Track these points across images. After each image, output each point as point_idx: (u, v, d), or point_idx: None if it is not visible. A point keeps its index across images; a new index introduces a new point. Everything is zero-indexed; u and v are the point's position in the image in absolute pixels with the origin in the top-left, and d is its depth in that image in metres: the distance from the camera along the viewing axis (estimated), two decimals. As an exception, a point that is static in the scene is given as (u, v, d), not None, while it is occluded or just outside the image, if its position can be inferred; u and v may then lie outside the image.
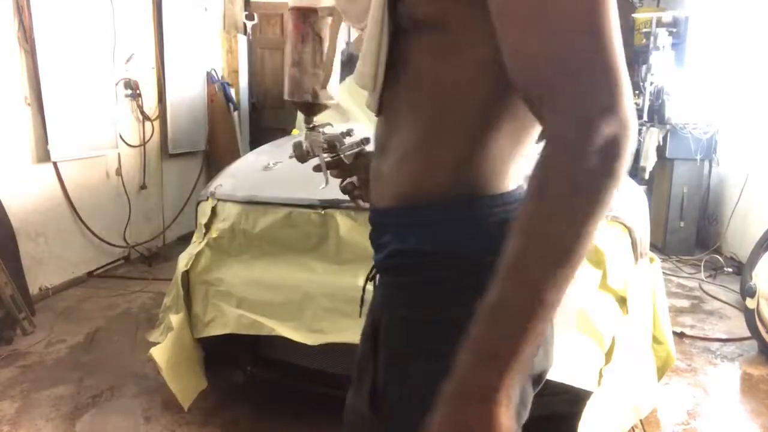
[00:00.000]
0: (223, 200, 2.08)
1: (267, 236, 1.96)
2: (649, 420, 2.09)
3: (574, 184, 0.49)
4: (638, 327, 1.82)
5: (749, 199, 3.84)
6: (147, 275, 3.66)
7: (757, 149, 3.80)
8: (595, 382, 1.66)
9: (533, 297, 0.51)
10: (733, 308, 3.23)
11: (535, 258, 0.51)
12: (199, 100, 4.76)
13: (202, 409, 2.10)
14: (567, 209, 0.50)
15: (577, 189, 0.49)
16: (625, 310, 1.76)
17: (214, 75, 4.93)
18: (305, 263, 1.91)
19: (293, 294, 1.85)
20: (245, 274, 1.94)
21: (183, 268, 1.98)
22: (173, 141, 4.38)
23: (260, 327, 1.84)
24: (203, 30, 4.82)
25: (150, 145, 4.13)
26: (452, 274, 0.64)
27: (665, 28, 4.61)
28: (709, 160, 4.25)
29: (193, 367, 1.98)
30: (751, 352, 2.70)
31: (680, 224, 4.24)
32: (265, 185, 2.10)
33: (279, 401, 2.19)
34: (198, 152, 4.86)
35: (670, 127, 4.15)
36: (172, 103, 4.31)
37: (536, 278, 0.51)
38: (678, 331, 2.79)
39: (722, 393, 2.38)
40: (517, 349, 0.51)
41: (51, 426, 2.03)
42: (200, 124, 4.80)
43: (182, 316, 1.95)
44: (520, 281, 0.51)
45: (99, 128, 3.55)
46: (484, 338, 0.52)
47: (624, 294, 1.77)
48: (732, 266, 3.83)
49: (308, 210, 1.91)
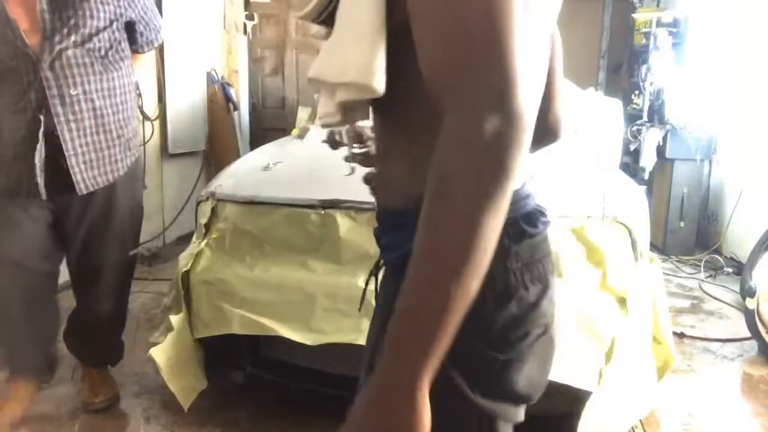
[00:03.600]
0: (223, 200, 2.08)
1: (267, 236, 1.96)
2: (649, 420, 2.09)
3: (464, 179, 0.52)
4: (638, 327, 1.82)
5: (749, 199, 3.84)
6: (147, 275, 3.66)
7: (757, 149, 3.80)
8: (595, 382, 1.67)
9: (437, 292, 0.53)
10: (733, 308, 3.23)
11: (434, 254, 0.53)
12: (199, 100, 4.76)
13: (202, 409, 2.10)
14: (460, 204, 0.52)
15: (467, 184, 0.52)
16: (625, 310, 1.76)
17: (214, 75, 4.93)
18: (305, 263, 1.91)
19: (293, 294, 1.85)
20: (245, 275, 1.94)
21: (183, 269, 1.98)
22: (173, 141, 4.38)
23: (260, 327, 1.84)
24: (203, 30, 4.82)
25: (150, 145, 4.12)
26: None
27: (665, 28, 4.61)
28: (709, 160, 4.25)
29: (193, 368, 1.98)
30: (751, 352, 2.70)
31: (680, 224, 4.24)
32: (265, 185, 2.10)
33: (279, 401, 2.19)
34: (198, 152, 4.85)
35: (670, 127, 4.15)
36: (172, 103, 4.30)
37: (438, 273, 0.53)
38: (678, 331, 2.79)
39: (722, 393, 2.38)
40: (428, 345, 0.53)
41: (51, 426, 2.03)
42: (200, 124, 4.80)
43: (182, 317, 1.95)
44: (424, 278, 0.53)
45: (99, 128, 3.55)
46: (396, 336, 0.55)
47: (624, 294, 1.77)
48: (732, 266, 3.83)
49: (308, 210, 1.92)
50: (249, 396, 2.21)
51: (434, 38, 0.56)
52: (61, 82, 1.76)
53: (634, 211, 1.97)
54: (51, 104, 1.75)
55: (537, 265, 0.69)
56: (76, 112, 1.80)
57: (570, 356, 1.68)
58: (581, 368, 1.68)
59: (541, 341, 0.70)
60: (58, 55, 1.74)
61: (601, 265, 1.78)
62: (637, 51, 5.04)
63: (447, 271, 0.52)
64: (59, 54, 1.74)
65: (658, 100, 4.32)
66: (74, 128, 1.80)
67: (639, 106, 4.61)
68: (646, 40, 4.73)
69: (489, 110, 0.52)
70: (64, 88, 1.76)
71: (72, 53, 1.77)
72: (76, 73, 1.78)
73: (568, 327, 1.70)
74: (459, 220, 0.52)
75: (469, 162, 0.52)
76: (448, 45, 0.55)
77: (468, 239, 0.52)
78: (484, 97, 0.52)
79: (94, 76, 1.83)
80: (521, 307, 0.67)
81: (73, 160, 1.82)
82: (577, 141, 3.09)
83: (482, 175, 0.52)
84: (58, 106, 1.76)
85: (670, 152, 4.18)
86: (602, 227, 1.82)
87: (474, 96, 0.53)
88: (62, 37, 1.74)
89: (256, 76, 5.63)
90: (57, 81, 1.75)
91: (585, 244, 1.78)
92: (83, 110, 1.81)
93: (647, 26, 4.77)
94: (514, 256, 0.66)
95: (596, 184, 2.03)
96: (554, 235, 0.78)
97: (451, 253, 0.52)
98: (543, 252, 0.71)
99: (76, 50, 1.77)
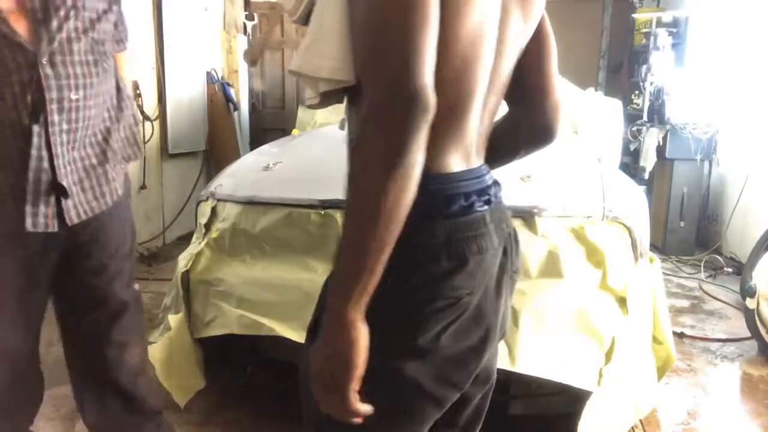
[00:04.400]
0: (223, 200, 2.08)
1: (267, 236, 1.96)
2: (649, 420, 2.09)
3: (369, 150, 0.65)
4: (638, 327, 1.82)
5: (749, 199, 3.84)
6: (147, 275, 3.66)
7: (757, 149, 3.80)
8: (595, 382, 1.66)
9: (357, 237, 0.67)
10: (733, 308, 3.23)
11: (353, 207, 0.67)
12: (199, 100, 4.76)
13: (202, 409, 2.10)
14: (368, 169, 0.65)
15: (371, 154, 0.65)
16: (625, 310, 1.76)
17: (214, 75, 4.93)
18: (305, 263, 1.91)
19: (293, 294, 1.85)
20: (245, 274, 1.94)
21: (183, 268, 1.98)
22: (173, 141, 4.38)
23: (260, 327, 1.84)
24: (203, 30, 4.82)
25: (150, 145, 4.12)
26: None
27: (665, 28, 4.61)
28: (709, 160, 4.25)
29: (190, 367, 1.98)
30: (751, 352, 2.70)
31: (680, 224, 4.24)
32: (265, 185, 2.10)
33: (279, 401, 2.19)
34: (198, 152, 4.86)
35: (670, 127, 4.15)
36: (172, 103, 4.31)
37: (356, 222, 0.67)
38: (678, 331, 2.79)
39: (722, 393, 2.38)
40: (351, 282, 0.68)
41: (51, 426, 2.03)
42: (200, 124, 4.80)
43: (181, 316, 1.95)
44: (347, 226, 0.69)
45: (99, 128, 3.54)
46: (334, 275, 0.71)
47: (624, 294, 1.77)
48: (732, 266, 3.83)
49: (308, 210, 1.91)
50: (249, 396, 2.21)
51: (354, 35, 0.71)
52: (62, 83, 1.38)
53: (634, 211, 1.97)
54: (48, 110, 1.36)
55: (456, 244, 0.77)
56: (72, 121, 1.42)
57: (570, 356, 1.68)
58: (581, 368, 1.68)
59: (450, 310, 0.77)
60: (60, 46, 1.37)
61: (601, 265, 1.77)
62: (637, 51, 5.04)
63: (363, 220, 0.66)
64: (60, 45, 1.37)
65: (658, 100, 4.32)
66: (66, 141, 1.42)
67: (639, 106, 4.61)
68: (646, 40, 4.74)
69: (387, 94, 0.64)
70: (65, 90, 1.39)
71: (77, 47, 1.41)
72: (80, 73, 1.42)
73: (568, 327, 1.70)
74: (360, 184, 0.66)
75: (373, 136, 0.65)
76: (358, 41, 0.70)
77: (369, 200, 0.65)
78: (382, 83, 0.65)
79: (96, 78, 1.47)
80: (427, 277, 0.76)
81: (65, 181, 1.41)
82: (577, 141, 3.09)
83: (383, 148, 0.64)
84: (55, 113, 1.38)
85: (670, 152, 4.18)
86: (602, 227, 1.82)
87: (375, 82, 0.66)
88: (60, 21, 1.36)
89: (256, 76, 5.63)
90: (58, 81, 1.37)
91: (585, 244, 1.78)
92: (78, 119, 1.44)
93: (647, 26, 4.78)
94: (425, 232, 0.76)
95: (596, 184, 2.03)
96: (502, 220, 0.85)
97: (358, 210, 0.67)
98: (467, 233, 0.78)
99: (80, 42, 1.41)
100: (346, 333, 0.69)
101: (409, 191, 0.66)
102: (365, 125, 0.65)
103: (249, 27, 5.50)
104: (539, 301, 1.70)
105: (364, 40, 0.69)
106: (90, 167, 1.50)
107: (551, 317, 1.69)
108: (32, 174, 1.37)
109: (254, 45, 5.44)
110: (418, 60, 0.65)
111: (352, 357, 0.69)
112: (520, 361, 1.63)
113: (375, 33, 0.67)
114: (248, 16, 5.49)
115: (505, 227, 0.86)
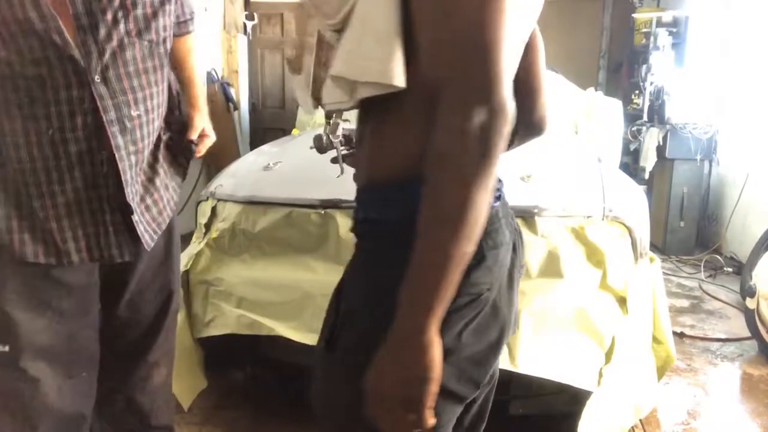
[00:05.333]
0: (223, 200, 2.08)
1: (267, 236, 1.96)
2: (649, 420, 2.09)
3: (454, 162, 0.62)
4: (638, 327, 1.82)
5: (749, 199, 3.84)
6: (147, 275, 3.66)
7: (757, 149, 3.80)
8: (595, 382, 1.67)
9: (438, 254, 0.64)
10: (733, 308, 3.23)
11: (434, 223, 0.64)
12: (199, 100, 4.75)
13: (202, 409, 2.10)
14: (452, 181, 0.63)
15: (457, 165, 0.62)
16: (625, 310, 1.76)
17: (213, 75, 4.93)
18: (305, 263, 1.91)
19: (293, 294, 1.85)
20: (245, 274, 1.94)
21: (183, 268, 1.98)
22: (173, 141, 4.37)
23: (260, 327, 1.84)
24: (203, 30, 4.81)
25: (150, 145, 4.12)
26: (392, 239, 0.76)
27: (665, 28, 4.61)
28: (709, 160, 4.25)
29: (192, 367, 1.98)
30: (751, 352, 2.70)
31: (680, 224, 4.24)
32: (265, 185, 2.10)
33: (279, 401, 2.19)
34: (198, 152, 4.86)
35: (670, 127, 4.15)
36: (172, 103, 4.30)
37: (438, 239, 0.64)
38: (678, 331, 2.79)
39: (722, 393, 2.38)
40: (434, 296, 0.64)
41: None
42: (200, 124, 4.80)
43: (182, 316, 1.95)
44: (429, 241, 0.64)
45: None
46: (407, 293, 0.66)
47: (624, 294, 1.78)
48: (732, 266, 3.83)
49: (308, 210, 1.91)
50: (249, 396, 2.21)
51: (434, 42, 0.66)
52: (119, 100, 1.18)
53: (634, 211, 1.97)
54: (110, 133, 1.18)
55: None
56: (137, 140, 1.24)
57: (570, 356, 1.68)
58: (581, 368, 1.68)
59: (471, 307, 0.77)
60: (112, 58, 1.16)
61: (602, 265, 1.78)
62: (637, 51, 5.04)
63: (445, 236, 0.63)
64: (113, 56, 1.17)
65: (658, 100, 4.32)
66: (135, 162, 1.25)
67: (639, 106, 4.61)
68: (646, 40, 4.73)
69: (475, 103, 0.62)
70: (123, 108, 1.19)
71: (130, 55, 1.20)
72: (137, 86, 1.22)
73: (568, 327, 1.70)
74: (451, 195, 0.63)
75: (459, 147, 0.62)
76: (445, 49, 0.65)
77: (460, 211, 0.62)
78: (471, 92, 0.63)
79: (157, 87, 1.27)
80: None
81: (133, 204, 1.26)
82: (577, 141, 3.09)
83: (469, 158, 0.62)
84: (118, 136, 1.19)
85: (670, 152, 4.18)
86: (602, 227, 1.82)
87: (463, 91, 0.63)
88: (108, 27, 1.14)
89: (256, 76, 5.63)
90: (114, 99, 1.18)
91: (585, 244, 1.78)
92: (144, 136, 1.25)
93: (647, 26, 4.78)
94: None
95: (596, 184, 2.03)
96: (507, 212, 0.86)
97: (447, 221, 0.63)
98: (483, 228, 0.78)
99: (134, 48, 1.20)
100: (426, 351, 0.66)
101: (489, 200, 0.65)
102: (443, 136, 0.63)
103: (249, 27, 5.50)
104: (539, 301, 1.70)
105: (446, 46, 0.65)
106: (148, 182, 1.34)
107: (551, 317, 1.69)
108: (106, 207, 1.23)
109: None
110: (504, 69, 0.64)
111: (434, 376, 0.67)
112: (521, 361, 1.63)
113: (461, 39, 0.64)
114: (248, 16, 5.48)
115: (512, 222, 0.87)
